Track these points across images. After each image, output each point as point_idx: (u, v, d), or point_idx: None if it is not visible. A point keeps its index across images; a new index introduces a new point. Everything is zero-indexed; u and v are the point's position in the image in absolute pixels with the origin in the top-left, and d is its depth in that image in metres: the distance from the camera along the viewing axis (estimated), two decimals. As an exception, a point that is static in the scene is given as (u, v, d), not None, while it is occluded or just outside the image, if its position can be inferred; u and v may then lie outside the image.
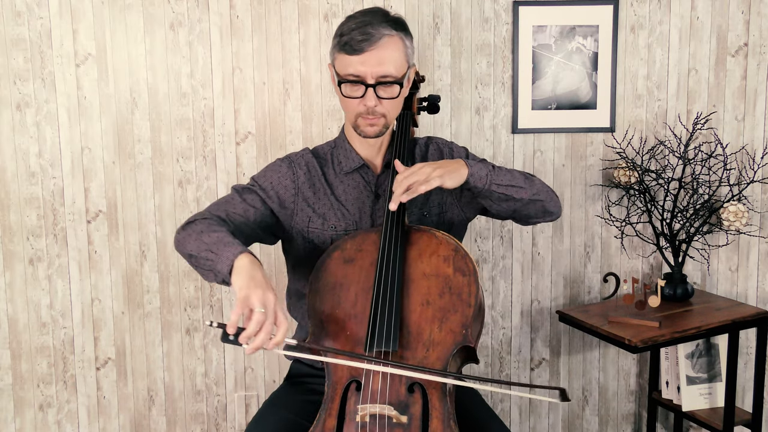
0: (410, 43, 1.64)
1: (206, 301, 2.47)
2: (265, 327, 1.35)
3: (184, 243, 1.54)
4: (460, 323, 1.50)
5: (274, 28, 2.39)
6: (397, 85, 1.60)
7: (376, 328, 1.48)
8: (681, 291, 2.43)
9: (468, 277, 1.54)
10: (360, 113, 1.62)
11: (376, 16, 1.59)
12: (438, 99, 1.89)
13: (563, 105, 2.50)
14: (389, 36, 1.57)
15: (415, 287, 1.54)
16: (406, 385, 1.47)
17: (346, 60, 1.58)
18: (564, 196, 2.56)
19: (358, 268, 1.58)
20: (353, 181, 1.73)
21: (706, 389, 2.46)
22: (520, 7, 2.43)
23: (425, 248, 1.58)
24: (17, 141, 2.34)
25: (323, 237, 1.70)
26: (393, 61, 1.58)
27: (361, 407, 1.44)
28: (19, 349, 2.42)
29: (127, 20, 2.33)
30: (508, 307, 2.59)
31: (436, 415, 1.44)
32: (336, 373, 1.51)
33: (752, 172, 2.53)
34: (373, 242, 1.60)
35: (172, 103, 2.38)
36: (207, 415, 2.53)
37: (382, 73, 1.57)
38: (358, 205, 1.71)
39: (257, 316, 1.34)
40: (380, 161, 1.75)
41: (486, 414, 1.69)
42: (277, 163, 1.75)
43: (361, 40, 1.55)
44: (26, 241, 2.38)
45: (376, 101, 1.59)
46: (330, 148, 1.78)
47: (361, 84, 1.58)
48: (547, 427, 2.67)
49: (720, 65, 2.52)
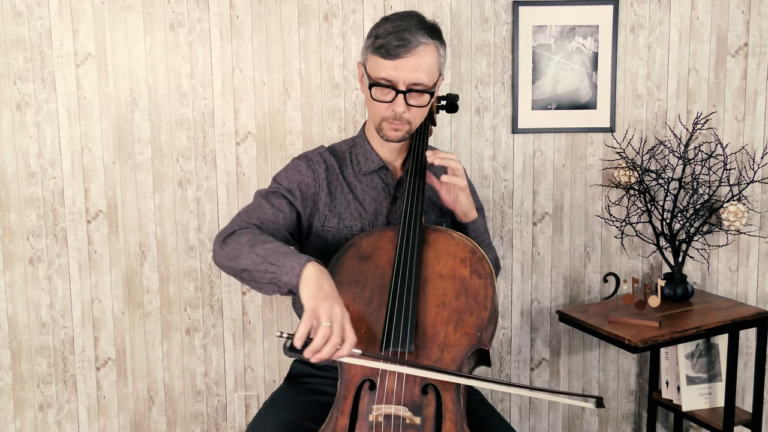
0: (444, 52, 1.62)
1: (206, 301, 2.47)
2: (331, 341, 1.34)
3: (234, 258, 1.50)
4: (476, 326, 1.49)
5: (274, 28, 2.39)
6: (427, 94, 1.59)
7: (393, 328, 1.48)
8: (681, 291, 2.43)
9: (484, 280, 1.53)
10: (386, 117, 1.61)
11: (412, 21, 1.57)
12: (457, 98, 1.85)
13: (563, 105, 2.50)
14: (425, 44, 1.56)
15: (431, 288, 1.54)
16: (420, 386, 1.46)
17: (379, 63, 1.56)
18: (564, 196, 2.56)
19: (374, 266, 1.57)
20: (372, 182, 1.72)
21: (706, 389, 2.46)
22: (520, 7, 2.43)
23: (442, 249, 1.57)
24: (17, 141, 2.34)
25: (338, 236, 1.69)
26: (426, 70, 1.57)
27: (376, 407, 1.43)
28: (19, 349, 2.42)
29: (127, 20, 2.33)
30: (508, 307, 2.59)
31: (450, 417, 1.44)
32: (349, 371, 1.50)
33: (752, 172, 2.53)
34: (389, 240, 1.59)
35: (172, 103, 2.38)
36: (207, 415, 2.53)
37: (415, 81, 1.56)
38: (375, 205, 1.71)
39: (323, 330, 1.33)
40: (400, 164, 1.74)
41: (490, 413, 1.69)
42: (295, 162, 1.73)
43: (398, 45, 1.53)
44: (26, 241, 2.38)
45: (405, 108, 1.58)
46: (348, 147, 1.77)
47: (391, 89, 1.57)
48: (547, 427, 2.67)
49: (720, 65, 2.52)
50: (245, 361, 2.52)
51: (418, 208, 1.59)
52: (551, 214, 2.56)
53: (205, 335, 2.49)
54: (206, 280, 2.46)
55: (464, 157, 2.49)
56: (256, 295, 2.48)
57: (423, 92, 1.58)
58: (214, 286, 2.47)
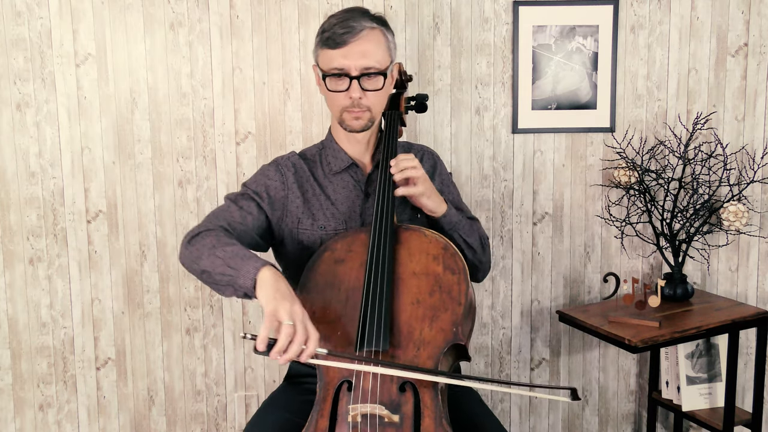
0: (392, 38, 1.67)
1: (206, 301, 2.47)
2: (296, 339, 1.35)
3: (196, 260, 1.52)
4: (451, 321, 1.50)
5: (274, 28, 2.39)
6: (381, 77, 1.62)
7: (366, 327, 1.48)
8: (681, 291, 2.43)
9: (458, 275, 1.54)
10: (345, 107, 1.63)
11: (356, 12, 1.63)
12: (426, 98, 1.90)
13: (563, 105, 2.50)
14: (370, 28, 1.61)
15: (405, 286, 1.55)
16: (398, 384, 1.46)
17: (329, 55, 1.61)
18: (564, 196, 2.56)
19: (349, 268, 1.58)
20: (343, 181, 1.73)
21: (706, 389, 2.46)
22: (520, 7, 2.43)
23: (415, 247, 1.58)
24: (17, 141, 2.34)
25: (313, 237, 1.70)
26: (375, 53, 1.61)
27: (353, 407, 1.44)
28: (19, 349, 2.42)
29: (127, 20, 2.33)
30: (508, 307, 2.59)
31: (428, 414, 1.44)
32: (328, 374, 1.51)
33: (752, 172, 2.53)
34: (362, 242, 1.60)
35: (172, 103, 2.38)
36: (207, 415, 2.53)
37: (366, 65, 1.60)
38: (348, 204, 1.72)
39: (287, 329, 1.34)
40: (369, 160, 1.76)
41: (481, 412, 1.69)
42: (264, 168, 1.76)
43: (343, 33, 1.58)
44: (26, 241, 2.38)
45: (361, 93, 1.61)
46: (318, 149, 1.79)
47: (345, 77, 1.60)
48: (547, 427, 2.67)
49: (720, 65, 2.52)
50: (245, 361, 2.52)
51: (389, 208, 1.60)
52: (551, 214, 2.56)
53: (205, 335, 2.49)
54: (206, 280, 2.46)
55: (464, 157, 2.49)
56: (256, 295, 2.48)
57: (376, 74, 1.61)
58: (214, 286, 2.47)
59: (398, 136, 1.75)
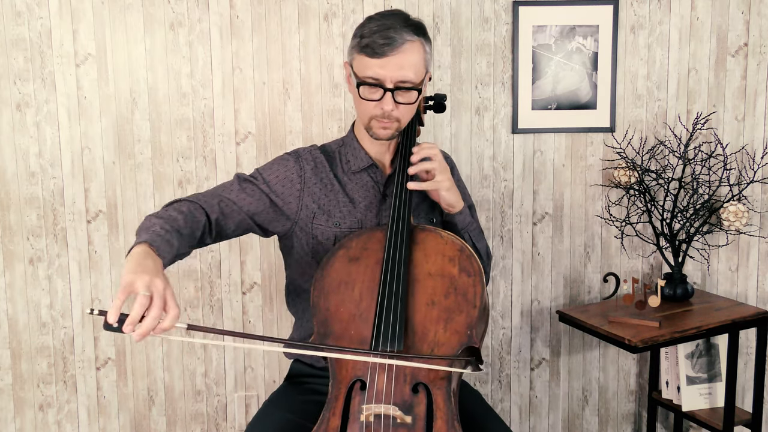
0: (429, 49, 1.63)
1: (206, 301, 2.47)
2: (151, 312, 1.27)
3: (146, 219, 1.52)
4: (465, 324, 1.50)
5: (274, 28, 2.39)
6: (415, 91, 1.59)
7: (382, 327, 1.48)
8: (681, 291, 2.43)
9: (473, 278, 1.53)
10: (375, 116, 1.61)
11: (397, 20, 1.58)
12: (444, 98, 1.87)
13: (563, 105, 2.50)
14: (411, 42, 1.57)
15: (421, 287, 1.54)
16: (411, 385, 1.46)
17: (365, 62, 1.57)
18: (564, 196, 2.56)
19: (364, 266, 1.57)
20: (361, 180, 1.72)
21: (706, 389, 2.46)
22: (520, 7, 2.43)
23: (431, 248, 1.57)
24: (17, 141, 2.34)
25: (327, 233, 1.69)
26: (413, 67, 1.57)
27: (366, 407, 1.44)
28: (19, 349, 2.42)
29: (127, 20, 2.33)
30: (508, 307, 2.59)
31: (441, 416, 1.44)
32: (340, 372, 1.50)
33: (752, 172, 2.53)
34: (378, 241, 1.59)
35: (172, 103, 2.38)
36: (207, 415, 2.53)
37: (402, 78, 1.56)
38: (365, 203, 1.71)
39: (141, 299, 1.27)
40: (388, 161, 1.75)
41: (486, 413, 1.69)
42: (284, 157, 1.74)
43: (383, 44, 1.54)
44: (26, 241, 2.38)
45: (393, 106, 1.58)
46: (338, 146, 1.77)
47: (379, 87, 1.57)
48: (547, 427, 2.67)
49: (720, 65, 2.52)
50: (245, 361, 2.52)
51: (407, 207, 1.59)
52: (551, 214, 2.56)
53: (205, 335, 2.49)
54: (206, 280, 2.46)
55: (464, 157, 2.49)
56: (255, 295, 2.48)
57: (410, 89, 1.59)
58: (214, 286, 2.47)
59: (416, 136, 1.75)
